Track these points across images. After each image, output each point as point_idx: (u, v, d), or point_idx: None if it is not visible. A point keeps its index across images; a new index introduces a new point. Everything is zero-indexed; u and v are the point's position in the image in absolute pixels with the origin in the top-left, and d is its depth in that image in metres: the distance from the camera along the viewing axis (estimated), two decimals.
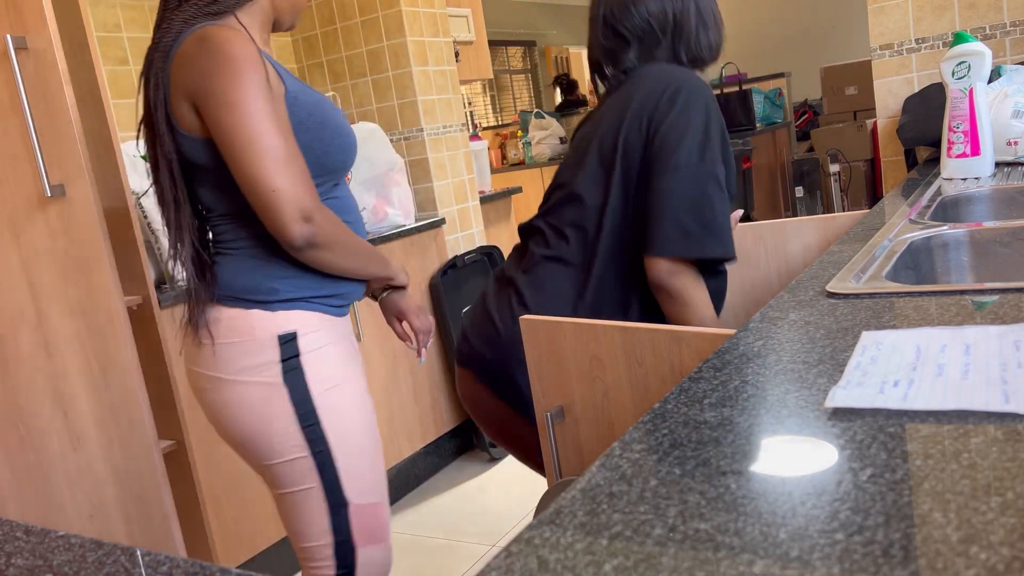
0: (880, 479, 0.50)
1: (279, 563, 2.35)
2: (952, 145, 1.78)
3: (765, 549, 0.44)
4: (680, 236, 1.27)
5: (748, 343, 0.82)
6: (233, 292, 1.25)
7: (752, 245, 1.68)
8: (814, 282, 1.04)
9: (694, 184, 1.28)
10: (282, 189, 1.13)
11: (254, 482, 2.23)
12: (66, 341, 1.82)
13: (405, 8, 2.95)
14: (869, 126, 4.69)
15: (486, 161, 3.74)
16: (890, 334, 0.77)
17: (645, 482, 0.55)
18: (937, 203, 1.56)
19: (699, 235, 1.27)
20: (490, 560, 0.48)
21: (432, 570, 2.30)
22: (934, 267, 1.25)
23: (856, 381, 0.66)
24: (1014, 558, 0.40)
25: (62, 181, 1.71)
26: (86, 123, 1.81)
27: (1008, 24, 2.29)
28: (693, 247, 1.28)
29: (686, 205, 1.27)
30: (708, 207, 1.28)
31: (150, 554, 0.59)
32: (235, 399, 1.25)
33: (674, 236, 1.27)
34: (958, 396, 0.61)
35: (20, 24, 1.67)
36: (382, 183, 2.78)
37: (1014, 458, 0.50)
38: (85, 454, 1.86)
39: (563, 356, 1.13)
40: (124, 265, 1.87)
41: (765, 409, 0.64)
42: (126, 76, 2.63)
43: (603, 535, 0.49)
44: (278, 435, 1.25)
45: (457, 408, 3.01)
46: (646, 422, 0.66)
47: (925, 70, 2.42)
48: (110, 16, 2.60)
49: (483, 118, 7.44)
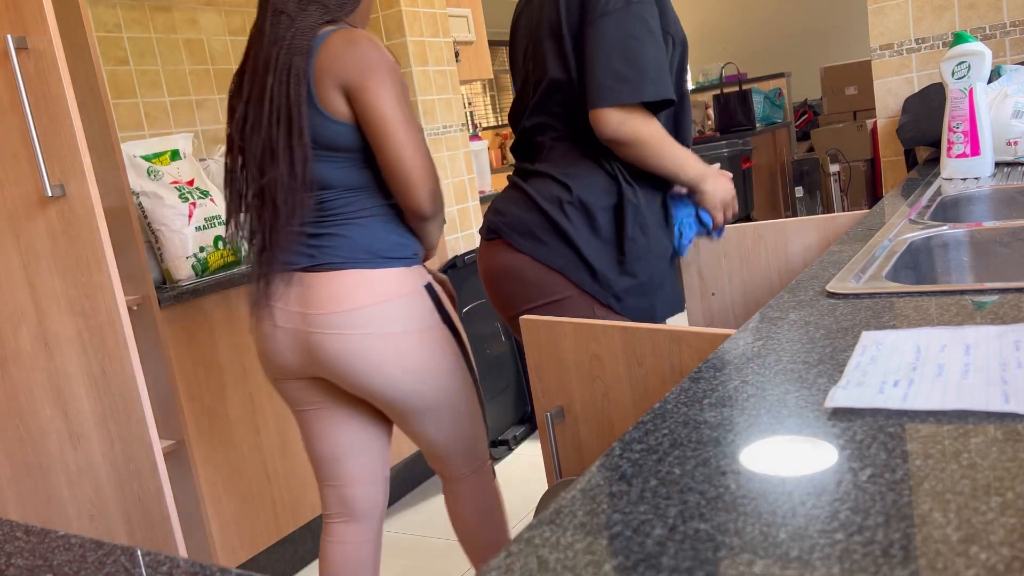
0: (880, 479, 0.50)
1: (279, 563, 2.35)
2: (952, 145, 1.78)
3: (765, 549, 0.44)
4: (613, 83, 1.26)
5: (748, 343, 0.82)
6: (374, 253, 1.40)
7: (752, 245, 1.68)
8: (814, 282, 1.04)
9: (619, 28, 1.27)
10: (421, 168, 1.35)
11: (254, 482, 2.24)
12: (66, 341, 1.82)
13: (405, 8, 2.95)
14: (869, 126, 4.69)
15: (486, 161, 3.74)
16: (890, 334, 0.77)
17: (645, 482, 0.55)
18: (937, 203, 1.56)
19: (633, 78, 1.26)
20: (490, 560, 0.48)
21: (432, 570, 2.30)
22: (934, 267, 1.25)
23: (856, 381, 0.66)
24: (1014, 558, 0.40)
25: (62, 181, 1.71)
26: (86, 123, 1.81)
27: (1008, 24, 2.29)
28: (628, 92, 1.26)
29: (616, 51, 1.27)
30: (637, 49, 1.26)
31: (150, 554, 0.59)
32: (411, 347, 1.42)
33: (607, 84, 1.27)
34: (958, 396, 0.61)
35: (20, 24, 1.67)
36: None
37: (1014, 458, 0.50)
38: (85, 454, 1.86)
39: (563, 356, 1.13)
40: (124, 265, 1.87)
41: (765, 409, 0.64)
42: (126, 76, 2.63)
43: (603, 535, 0.49)
44: (449, 371, 1.47)
45: None
46: (646, 422, 0.66)
47: (925, 70, 2.42)
48: (110, 16, 2.60)
49: (483, 118, 7.44)
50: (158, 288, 2.10)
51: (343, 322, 1.37)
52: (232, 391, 2.19)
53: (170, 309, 2.04)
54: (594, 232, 1.35)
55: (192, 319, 2.10)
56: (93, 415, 1.84)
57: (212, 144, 2.88)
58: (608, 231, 1.36)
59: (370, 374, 1.40)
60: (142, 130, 2.64)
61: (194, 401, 2.09)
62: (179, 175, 2.24)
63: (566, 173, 1.37)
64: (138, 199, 2.13)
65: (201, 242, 2.19)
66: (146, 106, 2.68)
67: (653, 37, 1.28)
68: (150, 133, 2.66)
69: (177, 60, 2.79)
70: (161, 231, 2.13)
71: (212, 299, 2.15)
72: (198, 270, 2.17)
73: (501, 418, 3.07)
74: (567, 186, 1.36)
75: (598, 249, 1.36)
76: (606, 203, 1.36)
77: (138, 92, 2.66)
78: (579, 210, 1.35)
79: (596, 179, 1.37)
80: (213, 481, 2.13)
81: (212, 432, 2.13)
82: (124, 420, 1.80)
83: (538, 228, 1.38)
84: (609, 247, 1.36)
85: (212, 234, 2.22)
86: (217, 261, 2.23)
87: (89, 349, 1.80)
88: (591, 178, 1.37)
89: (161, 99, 2.73)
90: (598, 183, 1.36)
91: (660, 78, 1.28)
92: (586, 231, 1.35)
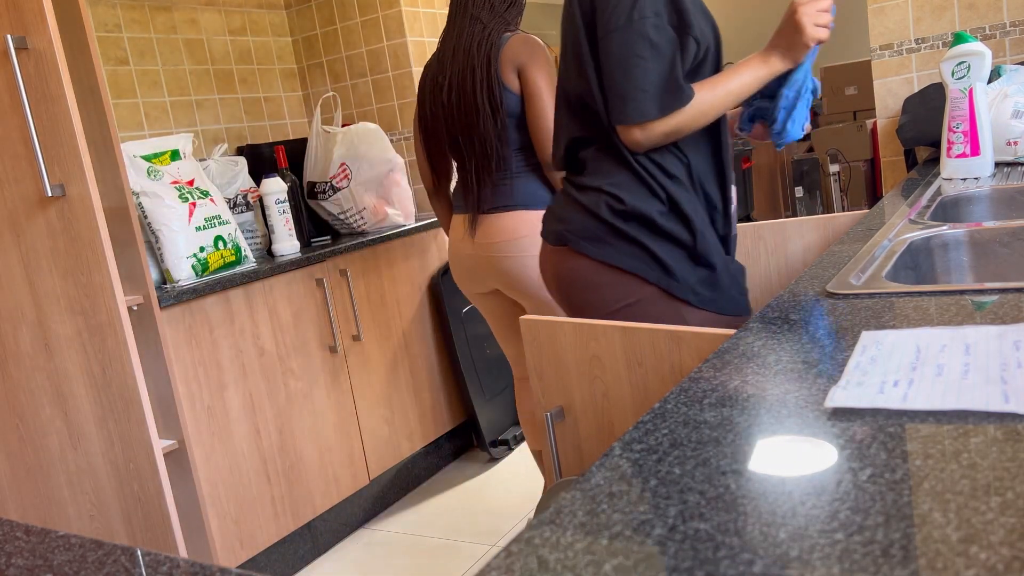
0: (880, 479, 0.50)
1: (279, 563, 2.35)
2: (952, 145, 1.78)
3: (765, 549, 0.44)
4: (619, 103, 1.29)
5: (748, 343, 0.82)
6: (530, 199, 1.97)
7: (752, 245, 1.68)
8: (814, 282, 1.04)
9: (622, 47, 1.29)
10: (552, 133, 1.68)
11: (254, 482, 2.24)
12: (66, 341, 1.82)
13: (405, 8, 2.95)
14: (869, 126, 4.69)
15: None
16: (890, 334, 0.77)
17: (645, 482, 0.55)
18: (937, 203, 1.56)
19: (637, 97, 1.28)
20: (490, 560, 0.48)
21: (432, 570, 2.30)
22: (934, 267, 1.25)
23: (856, 381, 0.66)
24: (1014, 558, 0.40)
25: (62, 181, 1.71)
26: (86, 123, 1.81)
27: (1008, 24, 2.29)
28: (632, 111, 1.29)
29: (619, 70, 1.29)
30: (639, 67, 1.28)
31: (150, 554, 0.59)
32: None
33: (615, 104, 1.30)
34: (958, 396, 0.61)
35: (20, 24, 1.67)
36: (382, 183, 2.78)
37: (1014, 458, 0.50)
38: (85, 454, 1.86)
39: (563, 356, 1.13)
40: (124, 265, 1.87)
41: (765, 409, 0.64)
42: (126, 76, 2.63)
43: (603, 535, 0.49)
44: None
45: (457, 408, 3.02)
46: (646, 422, 0.66)
47: (925, 70, 2.42)
48: (110, 16, 2.60)
49: None
50: (158, 288, 2.10)
51: (510, 248, 1.96)
52: (232, 391, 2.19)
53: (170, 309, 2.04)
54: (657, 234, 1.36)
55: (192, 319, 2.10)
56: (93, 415, 1.84)
57: (212, 144, 2.88)
58: (672, 229, 1.35)
59: (526, 282, 1.97)
60: (142, 130, 2.64)
61: (194, 401, 2.09)
62: (179, 175, 2.24)
63: (612, 183, 1.38)
64: (138, 199, 2.13)
65: (201, 242, 2.18)
66: (146, 106, 2.68)
67: (656, 52, 1.28)
68: (150, 133, 2.66)
69: (177, 60, 2.79)
70: (161, 231, 2.13)
71: (212, 299, 2.15)
72: (198, 270, 2.17)
73: (501, 418, 3.07)
74: (619, 198, 1.36)
75: (666, 246, 1.36)
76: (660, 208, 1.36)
77: (138, 92, 2.66)
78: (636, 218, 1.36)
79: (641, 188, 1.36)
80: (213, 481, 2.13)
81: (212, 432, 2.13)
82: (124, 420, 1.80)
83: (604, 234, 1.38)
84: (676, 244, 1.36)
85: (212, 234, 2.22)
86: (217, 261, 2.23)
87: (89, 349, 1.80)
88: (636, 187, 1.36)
89: (161, 99, 2.73)
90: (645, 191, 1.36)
91: (664, 94, 1.29)
92: (649, 234, 1.36)
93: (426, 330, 2.88)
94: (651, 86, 1.28)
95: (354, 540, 2.55)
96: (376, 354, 2.67)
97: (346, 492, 2.53)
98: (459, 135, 2.00)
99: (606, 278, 1.38)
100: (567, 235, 1.42)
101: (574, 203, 1.44)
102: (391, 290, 2.74)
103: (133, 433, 1.80)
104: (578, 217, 1.42)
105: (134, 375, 1.76)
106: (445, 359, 2.96)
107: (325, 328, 2.48)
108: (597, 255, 1.38)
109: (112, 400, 1.80)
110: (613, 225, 1.37)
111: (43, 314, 1.82)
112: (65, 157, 1.70)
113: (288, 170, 2.69)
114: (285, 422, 2.34)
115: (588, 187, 1.40)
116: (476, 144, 1.97)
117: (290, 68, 3.22)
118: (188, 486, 1.99)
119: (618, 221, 1.36)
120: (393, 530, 2.58)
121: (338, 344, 2.51)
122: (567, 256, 1.43)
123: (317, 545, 2.48)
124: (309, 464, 2.41)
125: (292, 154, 2.80)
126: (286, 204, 2.53)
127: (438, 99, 2.02)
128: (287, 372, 2.35)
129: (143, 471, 1.81)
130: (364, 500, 2.65)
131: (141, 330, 1.91)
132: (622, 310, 1.38)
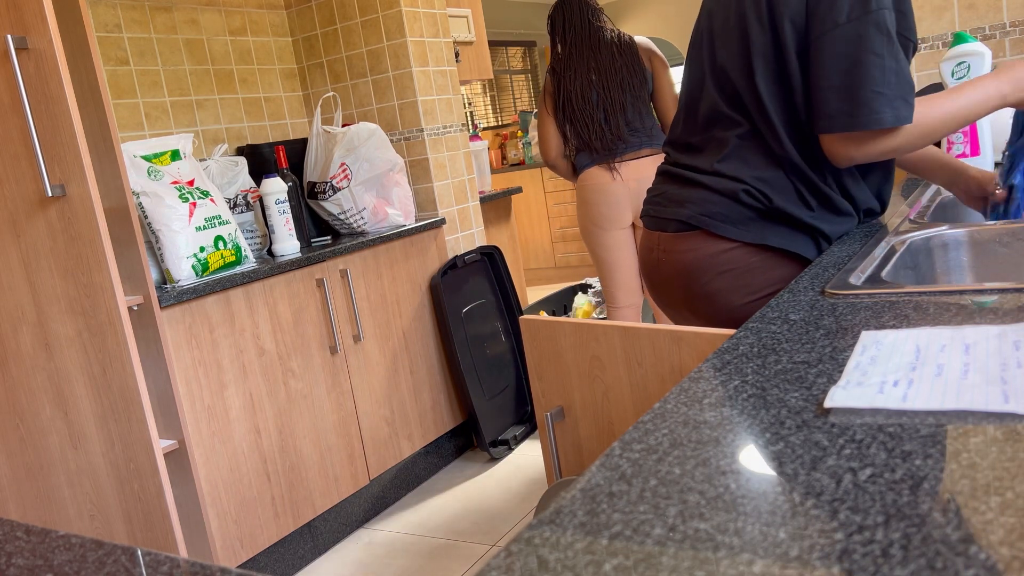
0: (880, 479, 0.50)
1: (279, 563, 2.35)
2: (952, 145, 1.78)
3: (765, 549, 0.45)
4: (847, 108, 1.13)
5: (748, 343, 0.82)
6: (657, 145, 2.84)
7: None
8: (814, 282, 1.04)
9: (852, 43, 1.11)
10: (673, 108, 2.72)
11: (254, 482, 2.24)
12: (66, 341, 1.82)
13: (405, 8, 2.95)
14: None
15: (486, 161, 3.74)
16: (890, 334, 0.77)
17: (645, 482, 0.55)
18: (937, 203, 1.56)
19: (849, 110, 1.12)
20: (490, 560, 0.48)
21: (432, 570, 2.30)
22: (934, 267, 1.25)
23: (856, 381, 0.66)
24: (1014, 558, 0.40)
25: (62, 181, 1.71)
26: (86, 123, 1.81)
27: (1008, 24, 2.29)
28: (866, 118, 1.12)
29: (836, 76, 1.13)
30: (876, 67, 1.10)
31: (150, 554, 0.59)
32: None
33: (841, 109, 1.13)
34: (958, 396, 0.61)
35: (20, 24, 1.67)
36: (382, 183, 2.78)
37: (1014, 458, 0.50)
38: (85, 454, 1.86)
39: (563, 356, 1.13)
40: (124, 265, 1.87)
41: (765, 409, 0.64)
42: (126, 76, 2.63)
43: (603, 535, 0.49)
44: None
45: (457, 408, 3.02)
46: (646, 422, 0.66)
47: (925, 70, 2.42)
48: (110, 16, 2.60)
49: (483, 118, 7.44)
50: (158, 288, 2.10)
51: (646, 186, 2.47)
52: (232, 391, 2.19)
53: (170, 309, 2.04)
54: (807, 207, 1.23)
55: (192, 319, 2.10)
56: (93, 415, 1.84)
57: (212, 144, 2.88)
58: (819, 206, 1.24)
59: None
60: (142, 130, 2.64)
61: (194, 401, 2.09)
62: (179, 175, 2.24)
63: (759, 178, 1.25)
64: (138, 199, 2.13)
65: (201, 242, 2.18)
66: (146, 106, 2.68)
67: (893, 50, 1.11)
68: (150, 133, 2.66)
69: (177, 60, 2.79)
70: (161, 231, 2.13)
71: (212, 299, 2.15)
72: (198, 270, 2.17)
73: (501, 418, 3.07)
74: (766, 195, 1.24)
75: (814, 214, 1.23)
76: (809, 213, 1.25)
77: (138, 92, 2.66)
78: (782, 217, 1.25)
79: (792, 192, 1.25)
80: (213, 481, 2.13)
81: (212, 432, 2.13)
82: (124, 420, 1.80)
83: (750, 218, 1.25)
84: (825, 210, 1.25)
85: (212, 234, 2.22)
86: (217, 261, 2.23)
87: (89, 349, 1.80)
88: (787, 189, 1.24)
89: (161, 99, 2.73)
90: (795, 196, 1.25)
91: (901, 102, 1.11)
92: (797, 208, 1.22)
93: (426, 330, 2.88)
94: (889, 89, 1.10)
95: (354, 540, 2.56)
96: (376, 354, 2.67)
97: (346, 492, 2.53)
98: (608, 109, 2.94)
99: (754, 261, 1.25)
100: (701, 218, 1.27)
101: (700, 186, 1.28)
102: (391, 290, 2.75)
103: (133, 433, 1.80)
104: (714, 198, 1.26)
105: (134, 375, 1.76)
106: (445, 359, 2.96)
107: (325, 328, 2.48)
108: (744, 237, 1.24)
109: (112, 400, 1.80)
110: (754, 207, 1.24)
111: (43, 314, 1.82)
112: (65, 157, 1.70)
113: (288, 170, 2.69)
114: (285, 422, 2.34)
115: (724, 174, 1.26)
116: (618, 111, 2.93)
117: (290, 68, 3.22)
118: (188, 486, 1.99)
119: (759, 206, 1.24)
120: (393, 530, 2.58)
121: (338, 344, 2.51)
122: (701, 241, 1.28)
123: (317, 545, 2.48)
124: (309, 464, 2.41)
125: (292, 154, 2.81)
126: (286, 204, 2.53)
127: (591, 87, 2.88)
128: (287, 372, 2.35)
129: (143, 471, 1.81)
130: (364, 500, 2.65)
131: (141, 330, 1.91)
132: (764, 299, 1.25)
